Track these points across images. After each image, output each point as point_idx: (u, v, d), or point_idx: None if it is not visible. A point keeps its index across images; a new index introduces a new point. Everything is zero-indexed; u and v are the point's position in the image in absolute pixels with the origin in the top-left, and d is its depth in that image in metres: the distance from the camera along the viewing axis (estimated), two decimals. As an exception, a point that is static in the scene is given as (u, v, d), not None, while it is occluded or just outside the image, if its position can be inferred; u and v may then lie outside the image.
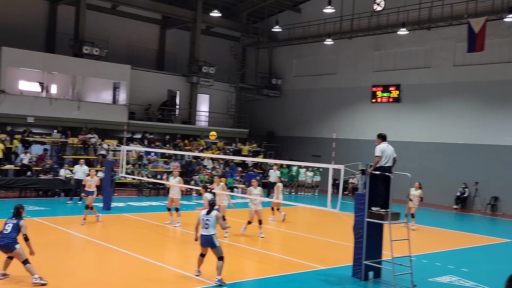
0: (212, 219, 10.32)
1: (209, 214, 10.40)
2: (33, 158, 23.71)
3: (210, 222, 10.29)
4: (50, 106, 26.52)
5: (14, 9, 28.64)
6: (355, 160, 14.14)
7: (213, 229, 10.31)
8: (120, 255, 12.55)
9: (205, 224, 10.31)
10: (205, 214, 10.43)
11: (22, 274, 9.82)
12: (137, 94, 30.50)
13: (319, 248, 14.84)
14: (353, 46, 32.40)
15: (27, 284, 9.58)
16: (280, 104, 36.91)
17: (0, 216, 17.36)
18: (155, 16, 34.26)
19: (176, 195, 17.06)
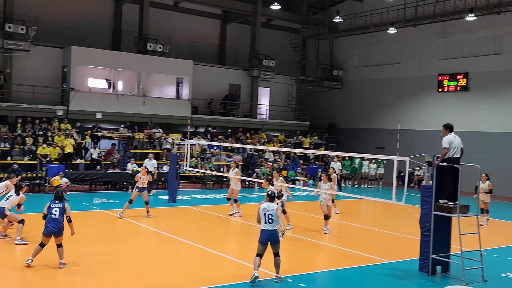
0: (274, 212, 9.87)
1: (271, 207, 9.93)
2: (102, 152, 24.59)
3: (273, 216, 9.84)
4: (117, 102, 27.41)
5: (82, 10, 29.74)
6: (420, 152, 13.80)
7: (277, 223, 9.87)
8: (184, 246, 12.83)
9: (268, 219, 9.81)
10: (267, 208, 9.92)
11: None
12: (199, 88, 31.00)
13: (384, 242, 14.61)
14: (417, 34, 31.51)
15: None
16: (341, 95, 36.47)
17: (73, 208, 18.21)
18: (216, 11, 34.63)
19: (235, 186, 17.46)
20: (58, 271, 10.07)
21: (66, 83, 26.58)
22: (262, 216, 9.84)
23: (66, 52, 26.76)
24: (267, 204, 9.99)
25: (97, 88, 28.62)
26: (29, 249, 11.01)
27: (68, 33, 28.62)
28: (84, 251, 11.79)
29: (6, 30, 23.94)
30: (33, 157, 22.41)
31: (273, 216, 9.81)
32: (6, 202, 12.23)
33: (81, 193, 21.94)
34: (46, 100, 25.67)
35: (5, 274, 9.91)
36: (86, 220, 15.92)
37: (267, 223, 9.78)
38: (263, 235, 9.76)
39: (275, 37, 36.77)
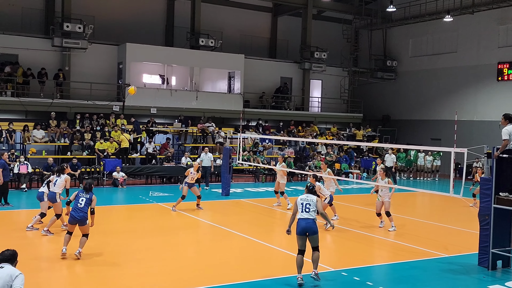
0: (313, 202, 9.30)
1: (309, 198, 9.37)
2: (157, 147, 25.11)
3: (311, 206, 9.25)
4: (170, 97, 27.91)
5: (135, 8, 30.41)
6: (478, 143, 13.38)
7: (314, 212, 9.26)
8: (237, 238, 12.96)
9: (305, 208, 9.23)
10: (305, 198, 9.37)
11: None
12: (251, 82, 31.13)
13: (442, 235, 14.26)
14: (475, 21, 30.44)
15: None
16: (395, 86, 35.74)
17: (130, 201, 18.74)
18: (267, 4, 34.61)
19: (281, 179, 17.61)
20: (111, 263, 10.37)
21: (121, 79, 27.28)
22: (299, 205, 9.31)
23: (121, 49, 27.45)
24: (306, 195, 9.47)
25: (151, 83, 29.22)
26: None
27: (123, 30, 29.35)
28: (140, 243, 12.10)
29: (64, 29, 24.79)
30: (91, 152, 23.16)
31: (311, 206, 9.24)
32: (56, 187, 12.68)
33: (137, 186, 22.51)
34: (102, 96, 26.46)
35: (55, 267, 10.29)
36: (142, 213, 16.35)
37: (304, 211, 9.22)
38: (299, 225, 9.15)
39: (326, 29, 36.41)
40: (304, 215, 9.15)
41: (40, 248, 11.68)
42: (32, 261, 10.19)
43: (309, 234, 9.11)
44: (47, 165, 20.67)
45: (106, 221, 13.78)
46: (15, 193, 18.77)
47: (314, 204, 9.27)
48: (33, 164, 21.30)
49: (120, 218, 15.55)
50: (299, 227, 9.14)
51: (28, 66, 25.22)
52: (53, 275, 9.70)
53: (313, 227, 9.11)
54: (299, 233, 9.16)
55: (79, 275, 9.81)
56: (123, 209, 17.21)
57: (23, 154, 21.92)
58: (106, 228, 13.27)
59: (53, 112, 24.45)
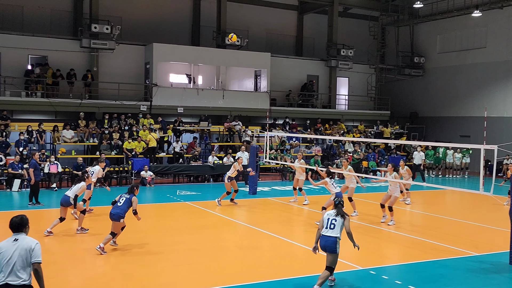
0: (340, 221, 8.84)
1: (337, 215, 8.90)
2: (184, 146, 25.31)
3: (337, 222, 8.81)
4: (197, 96, 28.09)
5: (161, 8, 30.70)
6: (509, 140, 13.16)
7: (338, 230, 8.80)
8: (265, 237, 12.98)
9: (331, 224, 8.82)
10: (332, 213, 8.97)
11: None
12: (277, 80, 31.12)
13: (472, 234, 14.05)
14: (505, 15, 29.84)
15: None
16: (423, 83, 35.29)
17: (158, 200, 18.94)
18: (292, 2, 34.54)
19: (300, 176, 17.96)
20: (141, 260, 10.51)
21: (149, 79, 27.57)
22: (325, 220, 8.90)
23: (148, 49, 27.74)
24: (334, 211, 9.02)
25: (178, 83, 29.45)
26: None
27: (149, 31, 29.65)
28: (170, 241, 12.23)
29: (92, 31, 25.19)
30: (120, 151, 23.47)
31: (336, 222, 8.81)
32: (71, 192, 12.88)
33: (165, 185, 22.73)
34: (130, 96, 26.79)
35: (87, 263, 10.47)
36: (171, 211, 16.51)
37: (328, 228, 8.80)
38: (321, 241, 8.83)
39: (352, 26, 36.16)
40: (328, 232, 8.79)
41: (72, 245, 11.89)
42: (65, 257, 10.39)
43: (327, 251, 8.77)
44: (77, 164, 21.04)
45: (135, 220, 13.93)
46: (45, 193, 19.19)
47: (340, 222, 8.84)
48: (63, 164, 21.71)
49: (149, 217, 15.72)
50: (321, 243, 8.84)
51: (57, 67, 25.70)
52: (83, 272, 9.87)
53: (332, 246, 8.69)
54: (322, 249, 8.87)
55: (112, 272, 9.96)
56: (152, 208, 17.41)
57: (53, 154, 22.36)
58: (136, 226, 13.44)
59: (82, 112, 24.87)
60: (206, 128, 27.02)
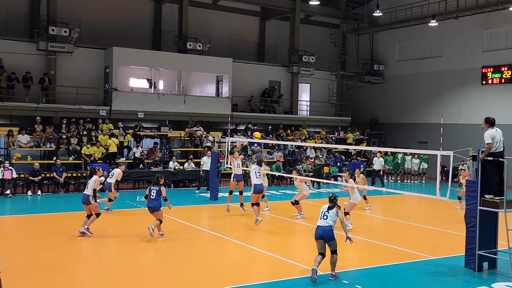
0: (333, 212, 9.91)
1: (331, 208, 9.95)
2: (144, 151, 25.00)
3: (329, 213, 9.90)
4: (158, 101, 27.81)
5: (122, 11, 30.30)
6: (464, 146, 13.50)
7: (331, 221, 9.86)
8: (225, 242, 12.92)
9: (323, 215, 9.92)
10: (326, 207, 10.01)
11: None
12: (239, 86, 31.14)
13: (428, 238, 14.33)
14: (459, 26, 30.73)
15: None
16: (383, 90, 35.95)
17: (117, 206, 18.62)
18: (255, 8, 34.67)
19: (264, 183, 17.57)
20: (112, 268, 10.28)
21: (108, 83, 27.15)
22: (321, 213, 10.02)
23: (108, 53, 27.33)
24: (327, 205, 10.07)
25: (138, 88, 29.10)
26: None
27: (109, 34, 29.21)
28: (132, 248, 12.02)
29: (50, 33, 24.64)
30: (78, 156, 23.00)
31: (329, 214, 9.88)
32: (88, 189, 13.12)
33: (125, 191, 22.35)
34: (89, 100, 26.30)
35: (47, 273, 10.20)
36: (130, 218, 16.25)
37: (322, 219, 9.91)
38: (316, 232, 9.88)
39: (314, 33, 36.57)
40: (321, 222, 9.86)
41: (39, 252, 11.56)
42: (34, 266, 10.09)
43: (326, 240, 9.79)
44: (33, 170, 20.52)
45: (92, 226, 13.65)
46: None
47: (334, 213, 9.90)
48: (18, 170, 21.13)
49: (107, 223, 15.43)
50: (316, 233, 9.88)
51: (12, 70, 24.96)
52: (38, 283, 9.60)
53: (329, 235, 9.76)
54: (316, 238, 9.90)
55: (73, 280, 9.72)
56: (111, 214, 17.08)
57: (8, 159, 21.68)
58: (94, 234, 13.17)
59: (39, 116, 24.25)
60: (167, 134, 26.78)
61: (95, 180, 13.22)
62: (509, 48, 28.57)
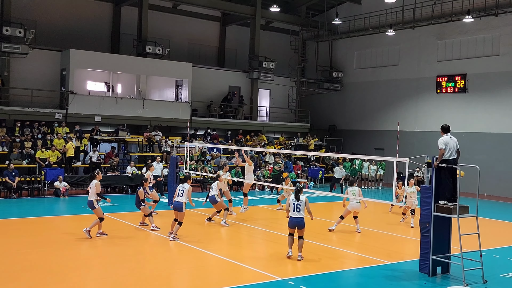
0: (302, 203, 11.74)
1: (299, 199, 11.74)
2: (101, 156, 24.55)
3: (301, 206, 11.71)
4: (116, 105, 27.39)
5: (80, 13, 29.77)
6: (420, 153, 13.80)
7: (303, 211, 11.73)
8: (182, 248, 12.80)
9: (296, 208, 11.66)
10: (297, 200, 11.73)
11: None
12: (199, 91, 31.01)
13: (385, 243, 14.58)
14: (416, 36, 31.52)
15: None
16: (341, 97, 36.47)
17: (73, 211, 18.20)
18: (215, 13, 34.65)
19: (225, 188, 17.86)
20: (67, 274, 10.03)
21: (65, 86, 26.57)
22: (291, 205, 11.74)
23: (64, 55, 26.76)
24: (296, 197, 11.81)
25: (96, 91, 28.60)
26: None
27: (66, 36, 28.64)
28: (87, 254, 11.76)
29: (3, 34, 23.89)
30: (32, 160, 22.39)
31: (300, 206, 11.71)
32: (91, 194, 13.41)
33: (81, 196, 21.89)
34: (44, 103, 25.67)
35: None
36: (87, 224, 15.88)
37: (295, 211, 11.68)
38: (291, 221, 11.71)
39: (274, 39, 36.81)
40: (296, 214, 11.70)
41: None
42: None
43: (298, 228, 11.71)
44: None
45: (48, 232, 13.31)
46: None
47: (304, 204, 11.83)
48: (-31, 173, 20.40)
49: (64, 229, 15.06)
50: (291, 222, 11.77)
51: (-36, 71, 24.19)
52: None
53: (302, 223, 11.73)
54: (290, 227, 11.82)
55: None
56: (67, 220, 16.69)
57: (-42, 162, 20.92)
58: (48, 240, 12.85)
59: (-9, 119, 23.53)
60: (124, 138, 26.38)
61: (95, 184, 13.41)
62: (462, 58, 29.49)
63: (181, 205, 13.22)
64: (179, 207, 13.23)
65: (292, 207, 11.74)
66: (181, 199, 13.28)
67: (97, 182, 13.52)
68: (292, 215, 11.73)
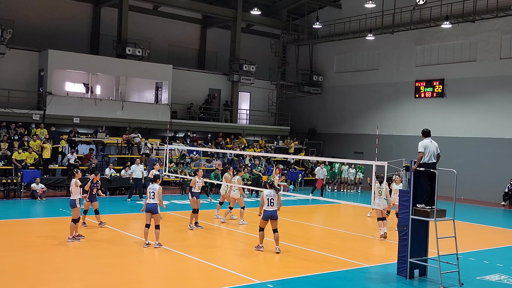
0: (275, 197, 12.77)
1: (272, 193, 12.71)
2: (79, 157, 24.28)
3: (274, 200, 12.72)
4: (95, 106, 27.14)
5: (59, 13, 29.44)
6: (398, 157, 13.92)
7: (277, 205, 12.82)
8: (159, 251, 12.72)
9: (270, 202, 12.66)
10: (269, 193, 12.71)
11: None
12: (179, 93, 30.87)
13: (363, 246, 14.67)
14: (395, 41, 31.84)
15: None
16: (321, 101, 36.66)
17: (50, 214, 17.95)
18: (196, 15, 34.57)
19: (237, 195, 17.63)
20: (40, 277, 9.89)
21: (42, 87, 26.23)
22: (265, 200, 12.70)
23: (43, 56, 26.42)
24: (269, 191, 12.79)
25: (74, 92, 28.30)
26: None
27: (45, 36, 28.31)
28: (63, 258, 11.60)
29: (-19, 33, 23.57)
30: (8, 162, 22.04)
31: (274, 200, 12.70)
32: (73, 193, 13.36)
33: (58, 198, 21.63)
34: (22, 104, 25.29)
35: None
36: (63, 226, 15.68)
37: (270, 205, 12.68)
38: (265, 214, 12.70)
39: (255, 42, 36.85)
40: (270, 208, 12.70)
41: None
42: None
43: (272, 219, 12.74)
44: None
45: (24, 235, 13.12)
46: None
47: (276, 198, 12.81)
48: None
49: (40, 232, 14.85)
50: (265, 215, 12.74)
51: None
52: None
53: (276, 215, 12.76)
54: (264, 219, 12.78)
55: None
56: (44, 222, 16.47)
57: None
58: (24, 243, 12.65)
59: (-33, 120, 23.10)
60: (103, 140, 26.15)
61: (74, 183, 13.28)
62: (440, 63, 29.88)
63: (155, 206, 12.86)
64: (153, 209, 12.86)
65: (267, 201, 12.69)
66: (154, 201, 12.90)
67: (75, 180, 13.32)
68: (266, 209, 12.68)
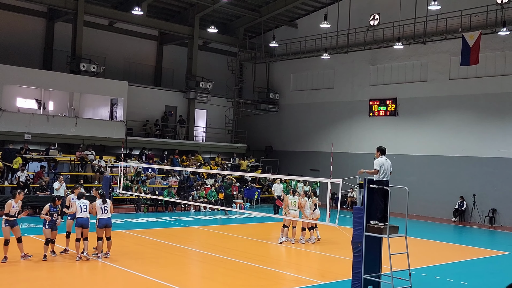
0: (109, 205, 13.69)
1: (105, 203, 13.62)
2: (30, 175, 23.61)
3: (108, 208, 13.57)
4: (47, 123, 26.49)
5: (12, 27, 28.77)
6: (353, 174, 14.12)
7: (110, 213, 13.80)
8: (116, 272, 12.45)
9: (104, 210, 13.50)
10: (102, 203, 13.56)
11: None
12: (134, 110, 30.53)
13: (318, 263, 14.76)
14: (349, 60, 32.53)
15: None
16: (278, 118, 36.95)
17: None
18: (152, 32, 34.41)
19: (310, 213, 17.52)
20: None
21: (-7, 102, 25.45)
22: (98, 209, 13.36)
23: (-7, 71, 25.68)
24: (101, 200, 13.52)
25: (26, 108, 27.58)
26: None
27: (-5, 51, 27.58)
28: (13, 279, 11.19)
29: None
30: (-45, 180, 21.21)
31: (107, 208, 13.47)
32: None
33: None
34: (-30, 120, 24.48)
35: None
36: (12, 247, 15.16)
37: (103, 213, 13.40)
38: (101, 222, 13.35)
39: (212, 60, 36.93)
40: (104, 215, 13.42)
41: None
42: None
43: (107, 227, 13.53)
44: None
45: None
46: None
47: (109, 207, 13.65)
48: None
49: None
50: (100, 223, 13.34)
51: None
52: None
53: (111, 223, 13.57)
54: (100, 228, 13.38)
55: None
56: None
57: None
58: None
59: None
60: (55, 157, 25.52)
61: (6, 204, 13.00)
62: (393, 83, 30.69)
63: (86, 220, 13.37)
64: (85, 223, 13.35)
65: (101, 210, 13.34)
66: (85, 215, 13.36)
67: (8, 202, 13.04)
68: (100, 216, 13.36)
